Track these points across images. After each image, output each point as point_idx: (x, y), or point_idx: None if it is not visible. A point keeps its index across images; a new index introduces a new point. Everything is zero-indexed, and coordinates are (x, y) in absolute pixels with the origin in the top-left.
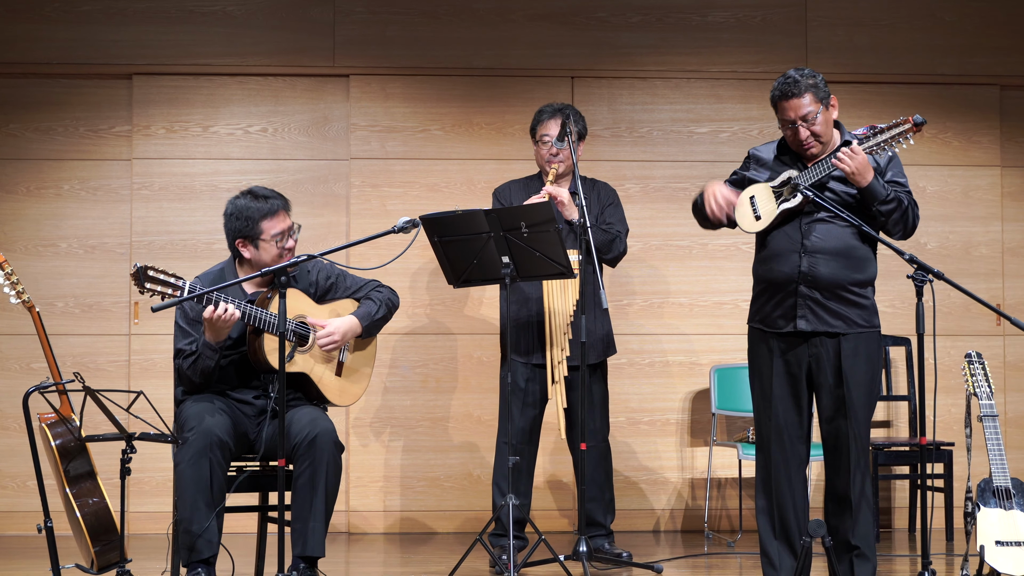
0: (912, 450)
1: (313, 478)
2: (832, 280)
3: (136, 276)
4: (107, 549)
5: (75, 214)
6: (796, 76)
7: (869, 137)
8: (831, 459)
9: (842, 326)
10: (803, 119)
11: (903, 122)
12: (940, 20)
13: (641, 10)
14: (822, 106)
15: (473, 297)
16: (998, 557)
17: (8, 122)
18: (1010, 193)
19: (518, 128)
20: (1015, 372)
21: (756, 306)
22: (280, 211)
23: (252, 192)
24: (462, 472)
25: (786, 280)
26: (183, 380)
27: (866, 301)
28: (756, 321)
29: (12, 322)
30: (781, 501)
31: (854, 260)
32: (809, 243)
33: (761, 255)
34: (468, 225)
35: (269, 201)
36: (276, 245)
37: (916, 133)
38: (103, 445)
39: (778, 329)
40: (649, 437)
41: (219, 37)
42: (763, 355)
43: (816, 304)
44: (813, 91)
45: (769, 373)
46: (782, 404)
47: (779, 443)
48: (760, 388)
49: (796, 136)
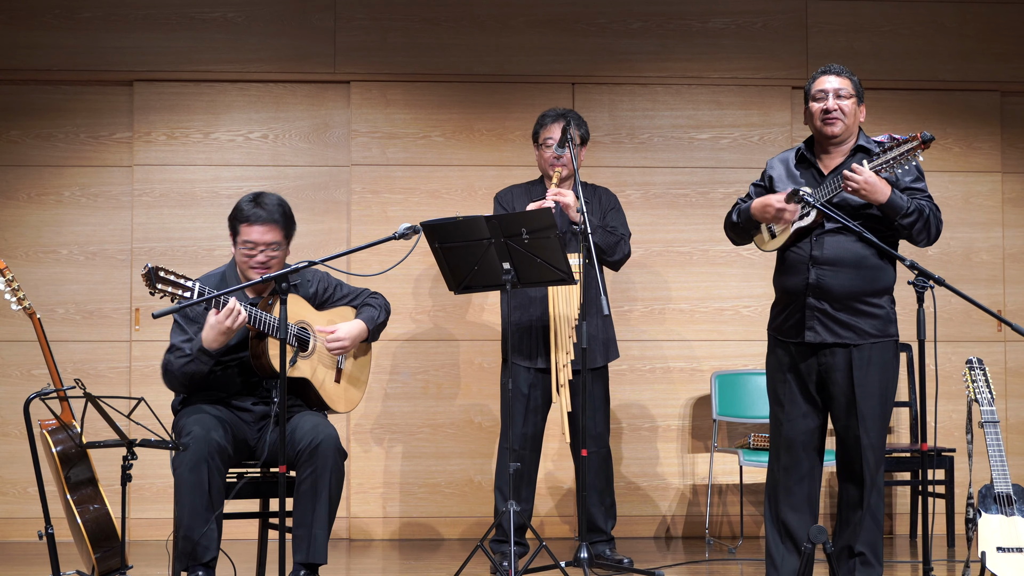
0: (913, 456)
1: (316, 485)
2: (842, 291)
3: (147, 277)
4: (108, 556)
5: (76, 220)
6: (837, 64)
7: (881, 154)
8: (843, 467)
9: (853, 337)
10: (836, 92)
11: (912, 139)
12: (941, 26)
13: (642, 16)
14: (855, 97)
15: (475, 303)
16: (999, 563)
17: (9, 129)
18: (1011, 199)
19: (519, 134)
20: (1016, 378)
21: (773, 314)
22: (260, 223)
23: (250, 196)
24: (463, 478)
25: (796, 291)
26: (167, 376)
27: (880, 311)
28: (772, 329)
29: (13, 328)
30: (787, 507)
31: (865, 271)
32: (817, 255)
33: (778, 267)
34: (469, 231)
35: (257, 209)
36: (243, 252)
37: (925, 150)
38: (104, 451)
39: (790, 339)
40: (650, 443)
41: (220, 44)
42: (777, 363)
43: (825, 316)
44: (851, 80)
45: (783, 380)
46: (793, 411)
47: (789, 449)
48: (774, 394)
49: (824, 105)
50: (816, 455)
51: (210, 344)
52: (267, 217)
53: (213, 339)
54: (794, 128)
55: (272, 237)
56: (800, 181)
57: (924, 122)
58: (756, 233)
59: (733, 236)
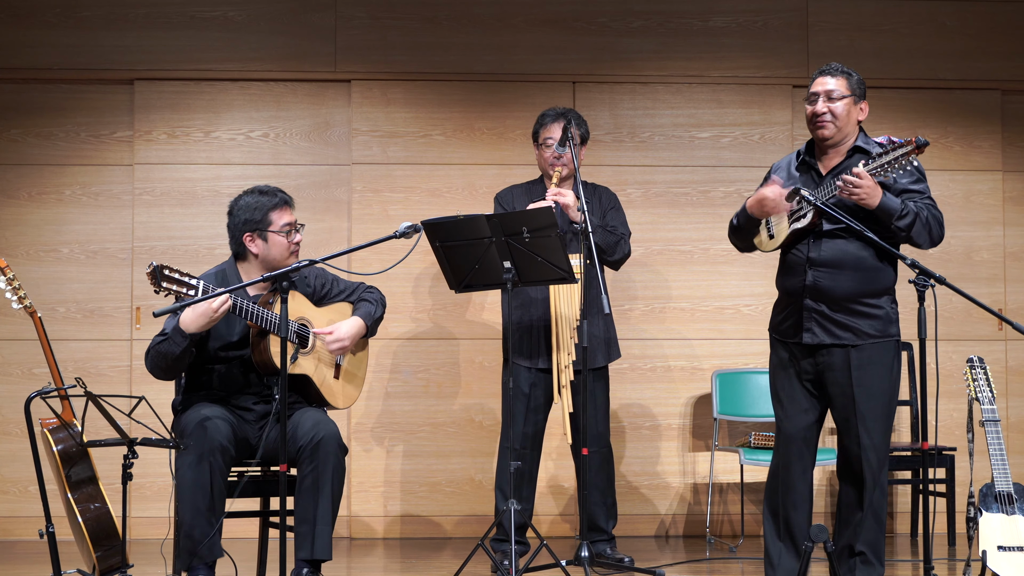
0: (914, 455)
1: (318, 481)
2: (839, 293)
3: (152, 275)
4: (109, 554)
5: (77, 219)
6: (836, 63)
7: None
8: (843, 467)
9: (851, 338)
10: (827, 95)
11: (907, 143)
12: (941, 25)
13: (642, 15)
14: (851, 97)
15: (475, 302)
16: (1000, 562)
17: (10, 127)
18: (1011, 198)
19: (519, 133)
20: (1017, 377)
21: (774, 314)
22: (286, 205)
23: (257, 189)
24: (464, 477)
25: (795, 293)
26: (146, 357)
27: (879, 311)
28: (772, 329)
29: (14, 327)
30: (787, 503)
31: (863, 272)
32: (816, 256)
33: (780, 268)
34: (470, 230)
35: (277, 195)
36: (285, 236)
37: (919, 155)
38: (105, 450)
39: (789, 339)
40: (651, 442)
41: (220, 42)
42: (779, 362)
43: (822, 317)
44: (847, 79)
45: (784, 378)
46: (793, 409)
47: (788, 447)
48: (776, 393)
49: (814, 109)
50: (812, 452)
51: (187, 325)
52: (286, 197)
53: (192, 320)
54: (795, 127)
55: (294, 215)
56: (800, 183)
57: (925, 120)
58: (756, 234)
59: (736, 241)
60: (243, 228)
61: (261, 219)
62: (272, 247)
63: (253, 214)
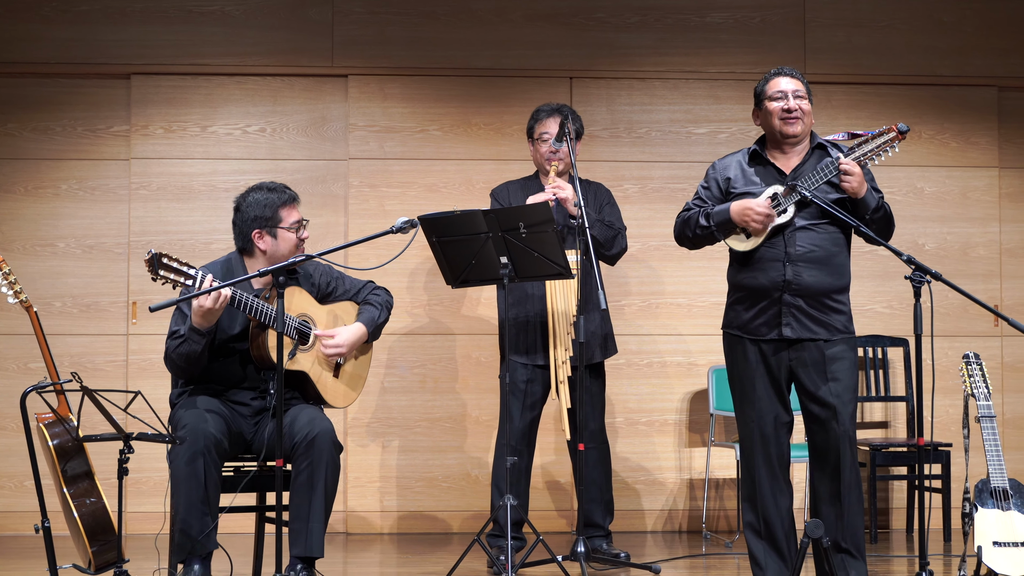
0: (910, 451)
1: (312, 478)
2: (816, 288)
3: (150, 263)
4: (104, 549)
5: (73, 214)
6: (788, 67)
7: (854, 148)
8: (820, 461)
9: (824, 333)
10: (794, 93)
11: (887, 131)
12: (938, 21)
13: (640, 11)
14: (808, 100)
15: (471, 297)
16: (995, 558)
17: (6, 122)
18: (1008, 194)
19: (516, 129)
20: (1013, 373)
21: (733, 313)
22: (294, 202)
23: (265, 185)
24: (460, 472)
25: (770, 288)
26: (167, 361)
27: (844, 307)
28: (734, 328)
29: (10, 322)
30: (765, 504)
31: (833, 267)
32: (793, 251)
33: (741, 263)
34: (466, 225)
35: (286, 192)
36: (294, 233)
37: (901, 141)
38: (101, 445)
39: (760, 336)
40: (647, 438)
41: (217, 37)
42: (742, 360)
43: (800, 311)
44: (802, 81)
45: (751, 377)
46: (765, 408)
47: (763, 446)
48: (742, 393)
49: (785, 104)
50: (787, 450)
51: (199, 324)
52: (294, 194)
53: (200, 319)
54: None
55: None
56: (756, 180)
57: (922, 116)
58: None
59: (694, 242)
60: (252, 224)
61: (271, 216)
62: (281, 244)
63: (263, 211)
